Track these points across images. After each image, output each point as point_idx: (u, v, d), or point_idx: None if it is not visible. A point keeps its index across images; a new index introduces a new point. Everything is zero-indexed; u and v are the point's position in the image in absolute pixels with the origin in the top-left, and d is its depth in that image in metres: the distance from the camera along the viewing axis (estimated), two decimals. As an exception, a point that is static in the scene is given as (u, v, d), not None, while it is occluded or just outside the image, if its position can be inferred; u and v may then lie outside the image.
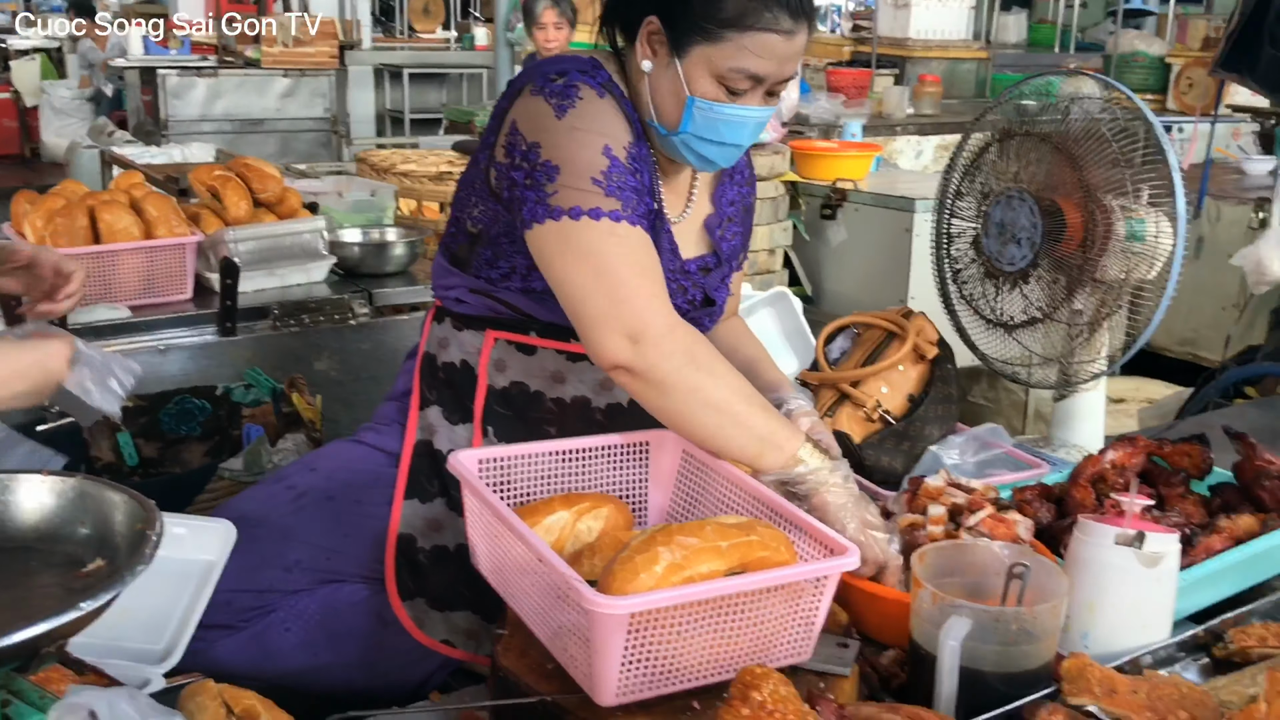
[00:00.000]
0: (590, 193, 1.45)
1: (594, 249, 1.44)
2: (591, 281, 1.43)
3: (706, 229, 1.71)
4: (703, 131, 1.55)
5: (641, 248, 1.47)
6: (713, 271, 1.72)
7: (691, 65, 1.52)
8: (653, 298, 1.43)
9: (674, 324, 1.43)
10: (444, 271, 1.70)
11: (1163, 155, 1.82)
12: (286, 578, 1.63)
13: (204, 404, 2.42)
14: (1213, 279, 4.54)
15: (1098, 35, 10.70)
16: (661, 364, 1.41)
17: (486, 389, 1.67)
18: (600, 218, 1.44)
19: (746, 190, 1.80)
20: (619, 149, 1.49)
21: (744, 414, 1.43)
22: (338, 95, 8.78)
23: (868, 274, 4.14)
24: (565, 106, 1.49)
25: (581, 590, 1.13)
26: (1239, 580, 1.56)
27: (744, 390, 1.45)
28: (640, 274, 1.44)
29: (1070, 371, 2.02)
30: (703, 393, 1.42)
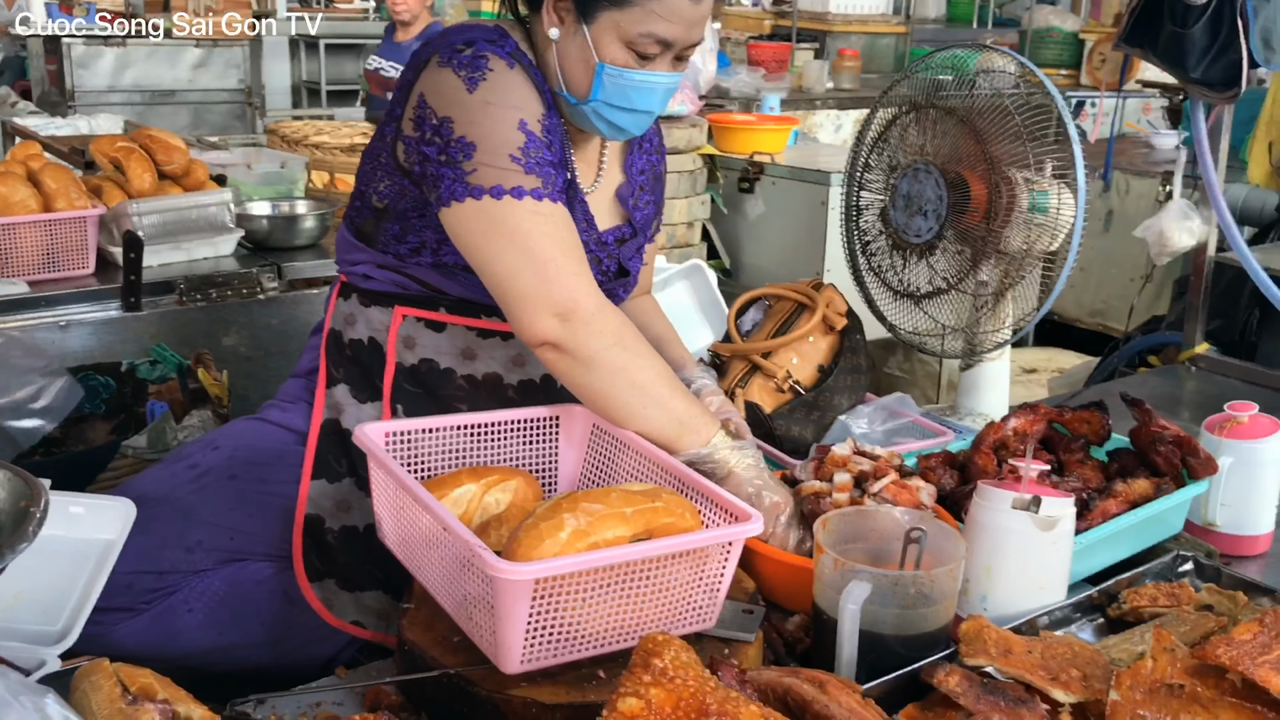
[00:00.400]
0: (510, 170, 1.44)
1: (519, 228, 1.44)
2: (519, 261, 1.43)
3: (619, 199, 1.71)
4: (613, 99, 1.54)
5: (564, 225, 1.47)
6: (628, 242, 1.72)
7: (600, 31, 1.51)
8: (579, 275, 1.45)
9: (602, 304, 1.45)
10: (349, 246, 1.67)
11: (1064, 129, 1.85)
12: (188, 558, 1.60)
13: (108, 380, 2.37)
14: (1122, 251, 4.66)
15: (1014, 11, 10.85)
16: (590, 342, 1.43)
17: (395, 366, 1.65)
18: (523, 196, 1.44)
19: (656, 159, 1.80)
20: (533, 123, 1.48)
21: (666, 397, 1.46)
22: (252, 66, 8.57)
23: (785, 246, 4.17)
24: (475, 79, 1.47)
25: (485, 557, 1.13)
26: (1134, 542, 1.61)
27: (666, 374, 1.49)
28: (566, 252, 1.45)
29: (975, 341, 2.06)
30: (628, 373, 1.45)
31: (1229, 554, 1.69)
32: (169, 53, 8.32)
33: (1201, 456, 1.66)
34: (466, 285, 1.59)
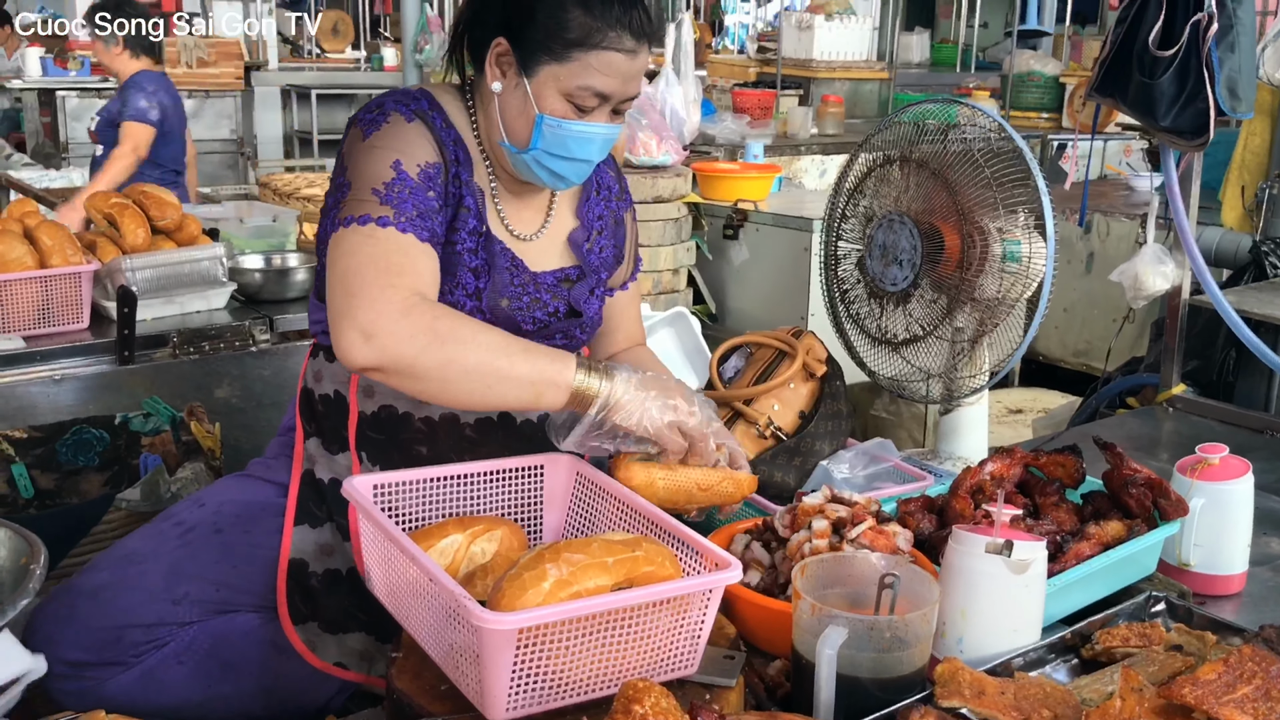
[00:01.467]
0: (367, 201, 1.50)
1: (346, 251, 1.47)
2: (335, 283, 1.46)
3: (571, 243, 1.76)
4: (552, 148, 1.60)
5: (397, 248, 1.48)
6: (577, 283, 1.76)
7: (540, 84, 1.57)
8: (386, 288, 1.43)
9: (408, 307, 1.43)
10: (314, 307, 1.74)
11: (1034, 182, 1.91)
12: (176, 610, 1.63)
13: (102, 434, 2.40)
14: (1104, 293, 4.71)
15: (998, 55, 11.01)
16: (403, 349, 1.40)
17: (358, 415, 1.70)
18: (367, 223, 1.48)
19: (617, 205, 1.85)
20: (411, 165, 1.54)
21: (505, 367, 1.44)
22: (244, 117, 8.67)
23: (769, 292, 4.22)
24: (370, 130, 1.56)
25: (470, 607, 1.16)
26: (1107, 584, 1.64)
27: (499, 344, 1.45)
28: (383, 271, 1.45)
29: (953, 386, 2.10)
30: (456, 363, 1.42)
31: (1203, 594, 1.73)
32: (161, 104, 8.39)
33: (1172, 498, 1.69)
34: None
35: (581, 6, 1.55)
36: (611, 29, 1.55)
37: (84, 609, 1.61)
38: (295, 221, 3.34)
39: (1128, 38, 2.51)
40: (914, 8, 13.97)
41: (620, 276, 1.88)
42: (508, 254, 1.66)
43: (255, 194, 4.31)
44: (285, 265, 3.09)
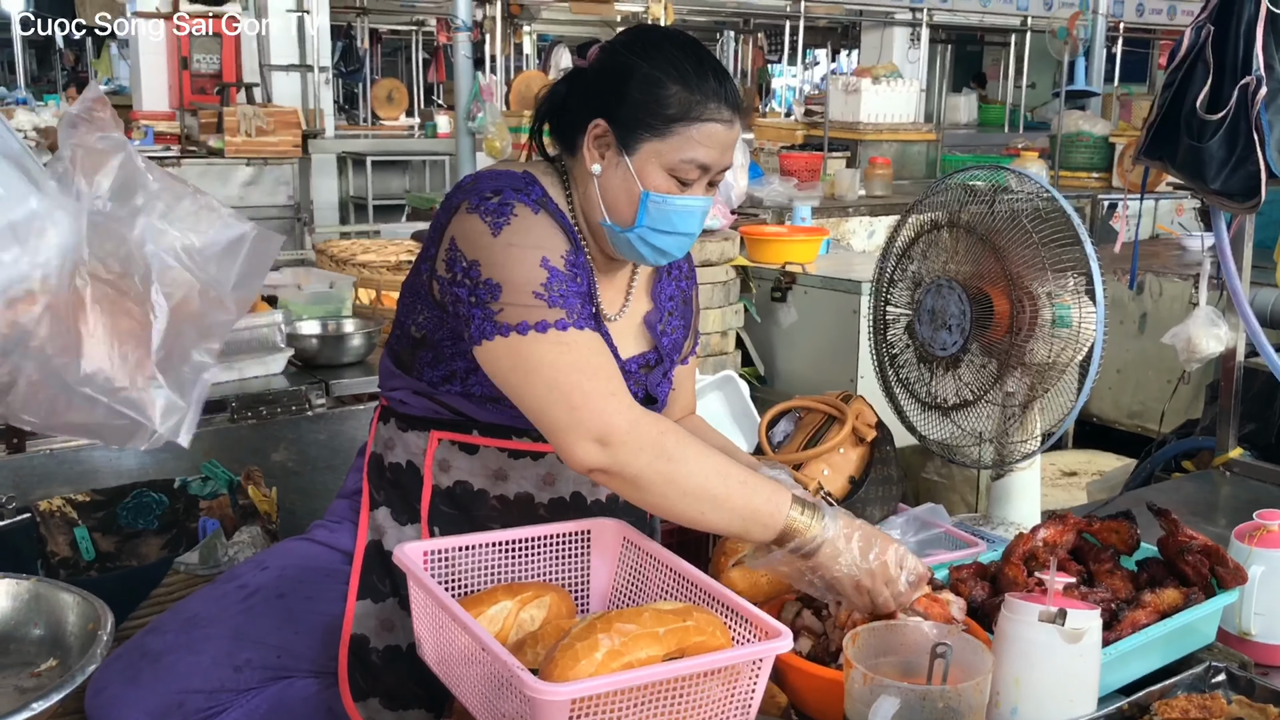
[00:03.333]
0: (534, 307, 1.50)
1: (544, 361, 1.49)
2: (546, 393, 1.48)
3: (647, 325, 1.77)
4: (657, 224, 1.62)
5: (591, 350, 1.51)
6: (654, 369, 1.77)
7: (642, 162, 1.59)
8: (610, 396, 1.47)
9: (636, 418, 1.47)
10: (389, 373, 1.75)
11: (1083, 248, 1.91)
12: (237, 677, 1.64)
13: (161, 497, 2.45)
14: (1158, 354, 4.66)
15: (1046, 115, 11.03)
16: (632, 461, 1.44)
17: (432, 489, 1.70)
18: (547, 329, 1.49)
19: (686, 284, 1.86)
20: (556, 259, 1.55)
21: (722, 495, 1.47)
22: (301, 183, 8.86)
23: (818, 354, 4.22)
24: (500, 224, 1.55)
25: (523, 678, 1.18)
26: (1165, 653, 1.62)
27: (719, 470, 1.48)
28: (592, 376, 1.48)
29: (1005, 451, 2.09)
30: (677, 483, 1.46)
31: (1265, 664, 1.70)
32: (221, 171, 8.62)
33: (1230, 566, 1.67)
34: (494, 412, 1.66)
35: (679, 83, 1.58)
36: (710, 101, 1.58)
37: (148, 673, 1.63)
38: (351, 288, 3.41)
39: (1175, 101, 2.52)
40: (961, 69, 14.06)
41: (683, 351, 1.89)
42: (608, 338, 1.67)
43: (312, 259, 4.40)
44: (341, 331, 3.15)
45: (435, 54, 14.49)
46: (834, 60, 17.14)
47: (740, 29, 14.96)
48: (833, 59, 17.19)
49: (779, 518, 1.47)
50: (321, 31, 9.61)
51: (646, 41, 1.65)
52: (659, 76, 1.58)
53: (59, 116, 11.18)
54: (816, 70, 17.41)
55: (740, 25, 14.73)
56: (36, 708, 0.91)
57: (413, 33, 15.04)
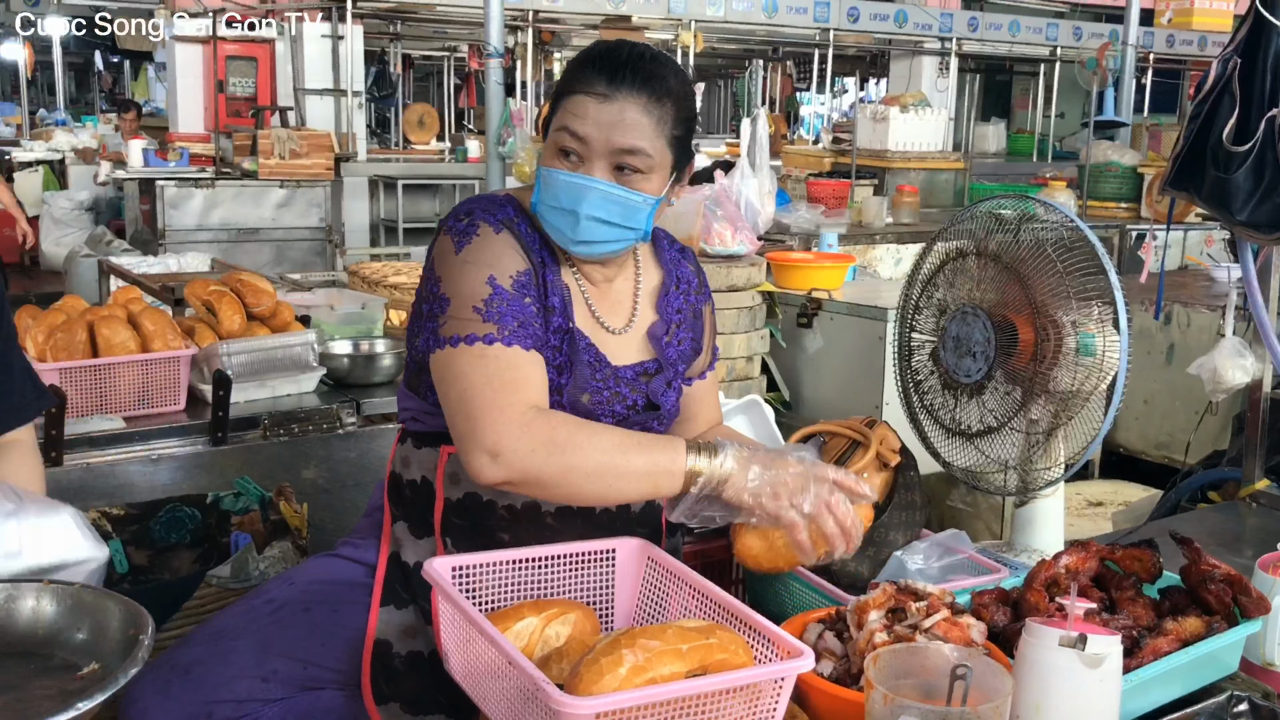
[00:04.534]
0: (469, 320, 1.57)
1: (459, 373, 1.56)
2: (456, 405, 1.55)
3: (650, 337, 1.81)
4: (547, 199, 1.67)
5: (509, 364, 1.56)
6: (654, 376, 1.80)
7: (547, 143, 1.68)
8: (505, 409, 1.51)
9: (525, 423, 1.51)
10: (404, 396, 1.80)
11: (1107, 277, 1.93)
12: (264, 688, 1.68)
13: (194, 512, 2.49)
14: (1185, 385, 4.64)
15: (1075, 145, 11.02)
16: (527, 463, 1.49)
17: (444, 502, 1.74)
18: (475, 342, 1.56)
19: (696, 298, 1.90)
20: (504, 277, 1.61)
21: (622, 464, 1.52)
22: (332, 205, 8.96)
23: (843, 380, 4.24)
24: (463, 243, 1.63)
25: (549, 691, 1.20)
26: (1187, 682, 1.62)
27: (614, 443, 1.54)
28: (498, 389, 1.53)
29: (1028, 479, 2.10)
30: (577, 469, 1.51)
31: (1289, 695, 1.70)
32: (254, 193, 8.74)
33: (1253, 595, 1.68)
34: None
35: (573, 64, 1.68)
36: (584, 72, 1.65)
37: (177, 684, 1.67)
38: (382, 309, 3.46)
39: (1202, 133, 2.53)
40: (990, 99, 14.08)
41: (699, 366, 1.92)
42: (591, 349, 1.72)
43: (343, 280, 4.46)
44: (373, 351, 3.20)
45: (467, 79, 14.66)
46: (862, 89, 17.19)
47: (769, 57, 15.06)
48: (861, 87, 17.24)
49: (679, 464, 1.53)
50: (355, 56, 9.74)
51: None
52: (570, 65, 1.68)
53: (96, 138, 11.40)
54: (845, 98, 17.46)
55: (769, 53, 14.83)
56: (81, 707, 0.94)
57: (445, 58, 15.22)
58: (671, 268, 1.87)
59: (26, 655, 1.12)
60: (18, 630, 1.14)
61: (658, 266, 1.87)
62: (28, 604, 1.15)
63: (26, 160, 11.51)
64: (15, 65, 16.23)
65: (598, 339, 1.74)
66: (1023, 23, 12.56)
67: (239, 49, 9.90)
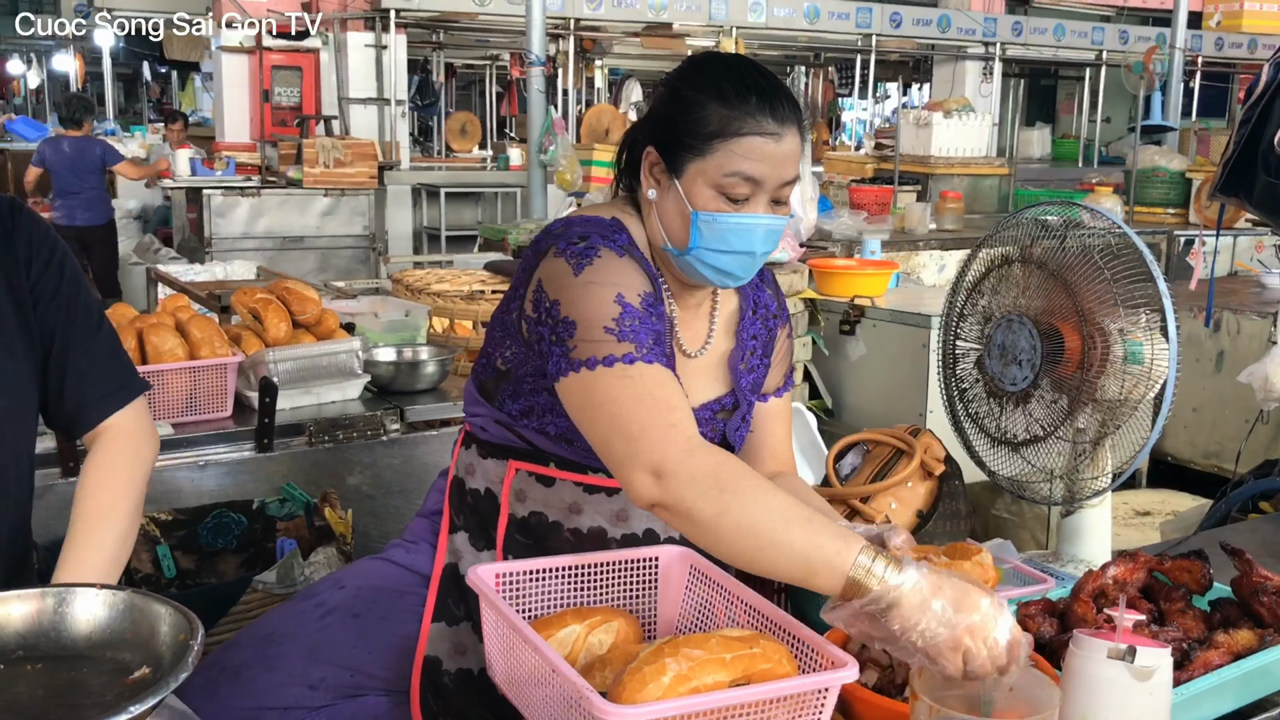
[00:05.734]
0: (604, 341, 1.52)
1: (608, 395, 1.50)
2: (608, 427, 1.49)
3: (729, 366, 1.77)
4: (710, 244, 1.63)
5: (656, 382, 1.50)
6: (732, 413, 1.76)
7: (689, 182, 1.62)
8: (669, 428, 1.45)
9: (692, 448, 1.44)
10: (473, 399, 1.77)
11: (1155, 283, 1.91)
12: (311, 694, 1.68)
13: (240, 518, 2.52)
14: (1235, 393, 4.58)
15: (1121, 150, 10.89)
16: (686, 493, 1.40)
17: (509, 518, 1.73)
18: (614, 363, 1.50)
19: (773, 323, 1.85)
20: (632, 296, 1.56)
21: (780, 533, 1.37)
22: (376, 213, 9.04)
23: (886, 388, 4.22)
24: (583, 265, 1.57)
25: (592, 699, 1.20)
26: (1238, 696, 1.59)
27: (780, 507, 1.39)
28: (653, 408, 1.47)
29: (1075, 488, 2.08)
30: (730, 516, 1.38)
31: (1343, 710, 1.66)
32: (299, 202, 8.83)
33: (1307, 608, 1.65)
34: (569, 450, 1.68)
35: (718, 99, 1.60)
36: (750, 115, 1.59)
37: (225, 688, 1.68)
38: (426, 316, 3.48)
39: (1252, 138, 2.50)
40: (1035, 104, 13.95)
41: (771, 384, 1.85)
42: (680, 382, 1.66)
43: (387, 288, 4.50)
44: (416, 358, 3.21)
45: (509, 88, 14.74)
46: (905, 94, 17.10)
47: (811, 63, 15.01)
48: (904, 93, 17.14)
49: (845, 563, 1.33)
50: (398, 65, 9.83)
51: (694, 66, 1.69)
52: (698, 97, 1.61)
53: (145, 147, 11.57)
54: (887, 104, 17.38)
55: (811, 59, 14.78)
56: (133, 710, 0.96)
57: (487, 67, 15.32)
58: (750, 292, 1.82)
59: (78, 659, 1.13)
60: (70, 635, 1.16)
61: (735, 292, 1.82)
62: (80, 609, 1.16)
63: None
64: (66, 76, 16.54)
65: (681, 371, 1.68)
66: (1068, 26, 12.44)
67: (284, 59, 10.02)
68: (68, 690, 1.08)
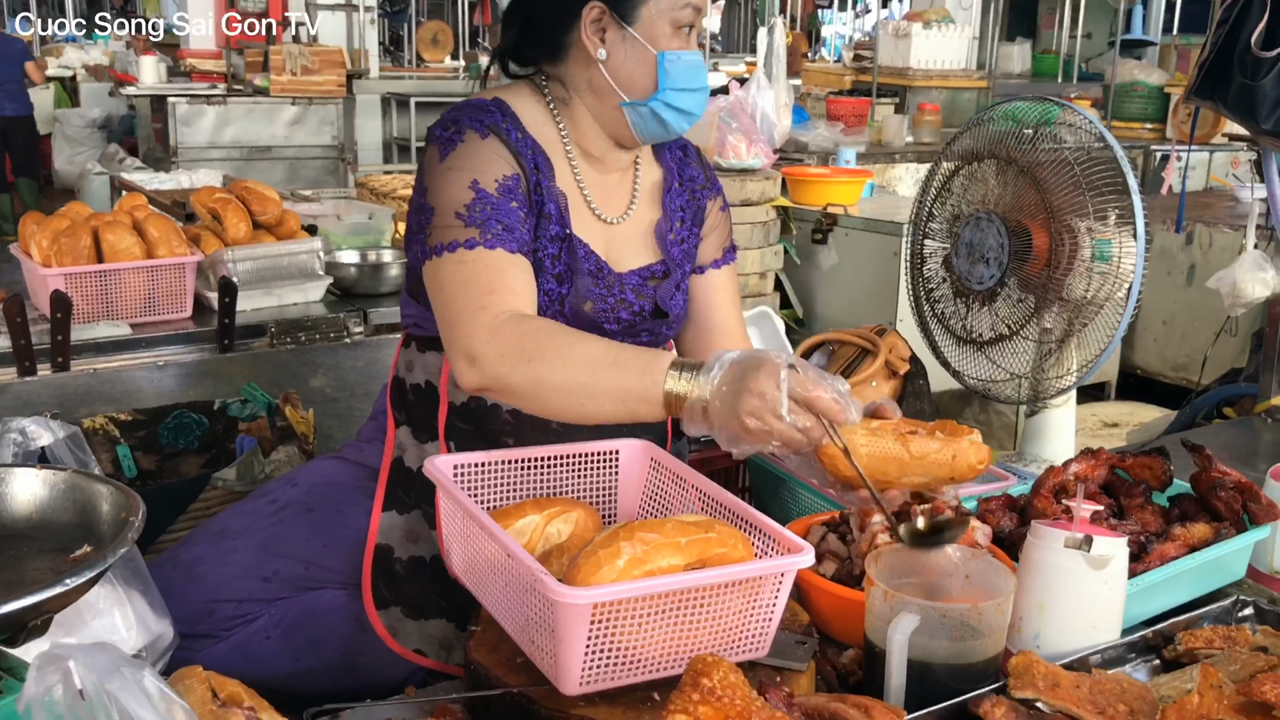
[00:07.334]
0: (452, 227, 1.54)
1: (443, 282, 1.52)
2: (440, 314, 1.52)
3: (656, 235, 1.76)
4: (677, 83, 1.64)
5: (485, 267, 1.51)
6: (663, 280, 1.75)
7: (646, 26, 1.62)
8: (477, 311, 1.46)
9: (497, 325, 1.44)
10: (406, 302, 1.77)
11: (1124, 179, 1.89)
12: (266, 587, 1.68)
13: (201, 418, 2.49)
14: (1205, 305, 4.59)
15: (1101, 66, 10.78)
16: (498, 369, 1.42)
17: (448, 406, 1.72)
18: (456, 249, 1.52)
19: (702, 194, 1.84)
20: (488, 181, 1.56)
21: (591, 384, 1.40)
22: (345, 123, 8.88)
23: (857, 296, 4.20)
24: (447, 151, 1.59)
25: (546, 582, 1.19)
26: (1192, 587, 1.61)
27: (585, 357, 1.41)
28: (472, 293, 1.49)
29: (1040, 387, 2.08)
30: (545, 381, 1.41)
31: (1295, 602, 1.68)
32: (266, 110, 8.66)
33: (1263, 502, 1.66)
34: None
35: None
36: None
37: (179, 583, 1.67)
38: (390, 219, 3.43)
39: (1229, 39, 2.46)
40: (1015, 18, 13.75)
41: (707, 254, 1.84)
42: (592, 257, 1.68)
43: (354, 196, 4.42)
44: (380, 260, 3.17)
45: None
46: (885, 6, 16.84)
47: (790, -26, 14.74)
48: (884, 5, 16.89)
49: (656, 393, 1.36)
50: (367, -29, 9.59)
51: None
52: None
53: (108, 55, 11.29)
54: (867, 19, 17.13)
55: (790, -30, 14.51)
56: (69, 583, 0.94)
57: (460, -26, 14.96)
58: (674, 165, 1.82)
59: (19, 538, 1.12)
60: (10, 514, 1.14)
61: (656, 164, 1.82)
62: (19, 488, 1.14)
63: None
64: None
65: (599, 244, 1.69)
66: (1050, -62, 12.22)
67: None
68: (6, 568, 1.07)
